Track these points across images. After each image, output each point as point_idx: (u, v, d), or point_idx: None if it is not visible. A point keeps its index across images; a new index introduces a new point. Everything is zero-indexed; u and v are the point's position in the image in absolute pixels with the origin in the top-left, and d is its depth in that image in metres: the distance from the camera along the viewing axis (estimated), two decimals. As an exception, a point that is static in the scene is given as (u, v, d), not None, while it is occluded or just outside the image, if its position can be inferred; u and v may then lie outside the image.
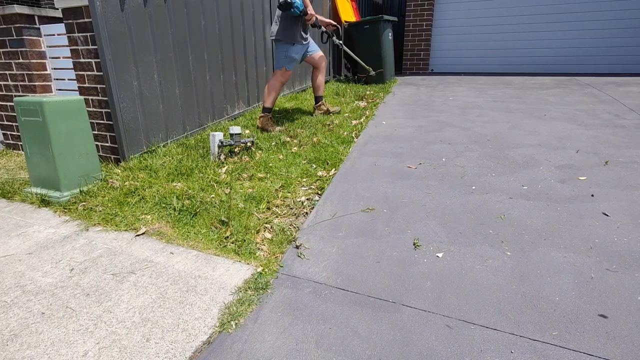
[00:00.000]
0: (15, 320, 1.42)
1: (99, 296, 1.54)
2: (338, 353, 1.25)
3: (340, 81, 5.97)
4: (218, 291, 1.56)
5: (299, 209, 2.23)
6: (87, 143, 2.47)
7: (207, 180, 2.50)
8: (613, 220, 1.90)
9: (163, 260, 1.78)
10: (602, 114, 3.62)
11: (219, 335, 1.33)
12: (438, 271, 1.62)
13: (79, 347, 1.28)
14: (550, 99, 4.28)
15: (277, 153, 2.98)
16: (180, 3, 3.01)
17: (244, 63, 3.88)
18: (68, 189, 2.40)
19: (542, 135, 3.13)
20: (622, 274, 1.53)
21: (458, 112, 3.95)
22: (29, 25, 3.07)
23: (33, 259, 1.82)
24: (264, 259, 1.77)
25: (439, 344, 1.27)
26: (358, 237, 1.90)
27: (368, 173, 2.60)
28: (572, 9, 5.88)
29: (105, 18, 2.47)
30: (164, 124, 3.03)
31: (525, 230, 1.87)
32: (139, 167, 2.66)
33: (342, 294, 1.53)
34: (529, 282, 1.53)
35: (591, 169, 2.48)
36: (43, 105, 2.23)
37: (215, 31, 3.43)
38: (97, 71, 2.66)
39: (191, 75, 3.22)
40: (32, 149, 2.40)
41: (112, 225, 2.10)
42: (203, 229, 2.01)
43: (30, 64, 3.13)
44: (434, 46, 6.89)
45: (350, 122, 3.75)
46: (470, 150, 2.88)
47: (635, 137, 2.96)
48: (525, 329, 1.30)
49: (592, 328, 1.29)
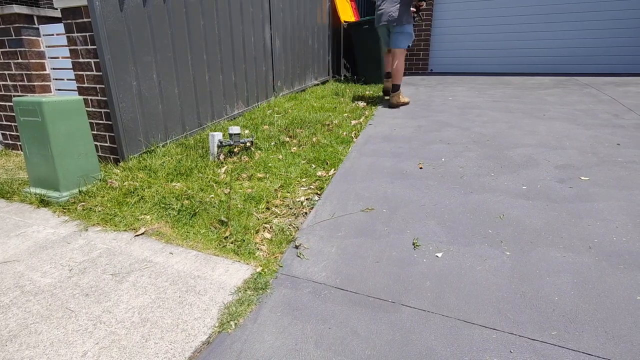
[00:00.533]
0: (14, 321, 1.42)
1: (98, 296, 1.54)
2: (337, 353, 1.25)
3: (339, 81, 5.97)
4: (217, 291, 1.56)
5: (298, 209, 2.23)
6: (86, 143, 2.47)
7: (207, 180, 2.50)
8: (612, 220, 1.90)
9: (162, 261, 1.78)
10: (601, 113, 3.62)
11: (219, 336, 1.33)
12: (437, 271, 1.62)
13: (78, 348, 1.28)
14: (549, 99, 4.28)
15: (277, 153, 2.98)
16: (179, 3, 3.01)
17: (243, 63, 3.88)
18: (67, 189, 2.40)
19: (541, 135, 3.13)
20: (620, 274, 1.54)
21: (457, 112, 3.96)
22: (27, 25, 3.06)
23: (32, 259, 1.82)
24: (264, 259, 1.77)
25: (439, 343, 1.27)
26: (357, 237, 1.90)
27: (367, 173, 2.60)
28: (571, 9, 5.89)
29: (105, 18, 2.47)
30: (163, 124, 3.02)
31: (524, 230, 1.87)
32: (138, 167, 2.66)
33: (341, 293, 1.53)
34: (528, 281, 1.53)
35: (590, 168, 2.48)
36: (42, 105, 2.23)
37: (214, 31, 3.43)
38: (96, 71, 2.66)
39: (190, 75, 3.22)
40: (31, 149, 2.39)
41: (112, 226, 2.10)
42: (202, 229, 2.01)
43: (29, 64, 3.13)
44: (433, 46, 6.90)
45: (349, 122, 3.75)
46: (469, 150, 2.89)
47: (634, 137, 2.96)
48: (525, 329, 1.31)
49: (591, 328, 1.30)
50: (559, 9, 5.94)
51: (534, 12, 6.08)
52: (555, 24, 6.01)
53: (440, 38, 6.81)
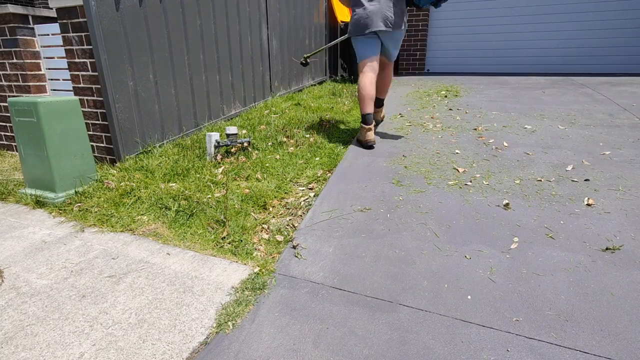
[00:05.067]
0: (9, 323, 1.41)
1: (95, 297, 1.53)
2: (335, 353, 1.25)
3: (336, 81, 5.98)
4: (215, 292, 1.55)
5: (295, 209, 2.23)
6: (82, 144, 2.45)
7: (204, 180, 2.49)
8: (608, 219, 1.92)
9: (159, 261, 1.77)
10: (596, 113, 3.65)
11: (216, 336, 1.33)
12: (435, 270, 1.63)
13: (74, 349, 1.28)
14: (545, 99, 4.30)
15: (274, 153, 2.98)
16: (175, 3, 3.00)
17: (240, 63, 3.87)
18: (63, 190, 2.39)
19: (537, 134, 3.15)
20: (617, 272, 1.55)
21: (453, 112, 3.97)
22: (23, 25, 3.04)
23: (28, 261, 1.81)
24: (261, 259, 1.77)
25: (436, 343, 1.27)
26: (355, 237, 1.90)
27: (365, 173, 2.61)
28: (567, 10, 5.92)
29: (100, 18, 2.45)
30: (160, 124, 3.01)
31: (520, 229, 1.88)
32: (135, 168, 2.65)
33: (339, 293, 1.53)
34: (524, 280, 1.54)
35: (586, 168, 2.49)
36: (37, 105, 2.21)
37: (211, 31, 3.42)
38: (92, 71, 2.65)
39: (187, 75, 3.21)
40: (27, 149, 2.38)
41: (108, 226, 2.09)
42: (200, 230, 2.01)
43: (25, 64, 3.11)
44: (429, 46, 6.91)
45: (347, 121, 3.75)
46: (465, 150, 2.90)
47: (630, 137, 2.98)
48: (521, 328, 1.31)
49: (587, 326, 1.30)
50: (555, 9, 5.98)
51: (531, 12, 6.10)
52: (552, 24, 6.04)
53: (436, 38, 6.83)
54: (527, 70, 6.32)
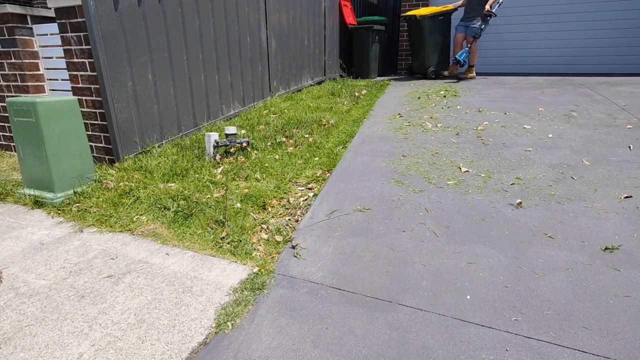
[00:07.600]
0: (8, 323, 1.40)
1: (94, 298, 1.53)
2: (335, 353, 1.25)
3: (335, 80, 5.98)
4: (214, 292, 1.55)
5: (295, 209, 2.23)
6: (81, 144, 2.45)
7: (203, 180, 2.49)
8: (606, 218, 1.92)
9: (158, 261, 1.77)
10: (595, 113, 3.65)
11: (216, 336, 1.33)
12: (434, 270, 1.63)
13: (73, 350, 1.27)
14: (544, 99, 4.31)
15: (273, 153, 2.98)
16: (174, 3, 3.00)
17: (239, 63, 3.87)
18: (62, 190, 2.38)
19: (536, 134, 3.15)
20: (615, 272, 1.55)
21: (452, 112, 3.97)
22: (21, 25, 3.04)
23: (26, 261, 1.80)
24: (260, 259, 1.77)
25: (435, 342, 1.27)
26: (354, 237, 1.90)
27: (364, 173, 2.61)
28: (566, 10, 5.93)
29: (99, 18, 2.45)
30: (159, 124, 3.01)
31: (519, 229, 1.88)
32: (134, 168, 2.65)
33: (338, 293, 1.53)
34: (523, 280, 1.54)
35: (584, 168, 2.50)
36: (36, 105, 2.21)
37: (210, 31, 3.41)
38: (90, 71, 2.64)
39: (186, 75, 3.21)
40: (25, 149, 2.37)
41: (107, 227, 2.09)
42: (199, 230, 2.01)
43: (23, 64, 3.10)
44: (429, 46, 6.90)
45: (346, 121, 3.75)
46: (464, 150, 2.90)
47: (628, 136, 2.99)
48: (520, 327, 1.32)
49: (585, 325, 1.31)
50: (553, 10, 5.99)
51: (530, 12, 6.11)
52: (550, 24, 6.05)
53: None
54: (526, 71, 6.32)
